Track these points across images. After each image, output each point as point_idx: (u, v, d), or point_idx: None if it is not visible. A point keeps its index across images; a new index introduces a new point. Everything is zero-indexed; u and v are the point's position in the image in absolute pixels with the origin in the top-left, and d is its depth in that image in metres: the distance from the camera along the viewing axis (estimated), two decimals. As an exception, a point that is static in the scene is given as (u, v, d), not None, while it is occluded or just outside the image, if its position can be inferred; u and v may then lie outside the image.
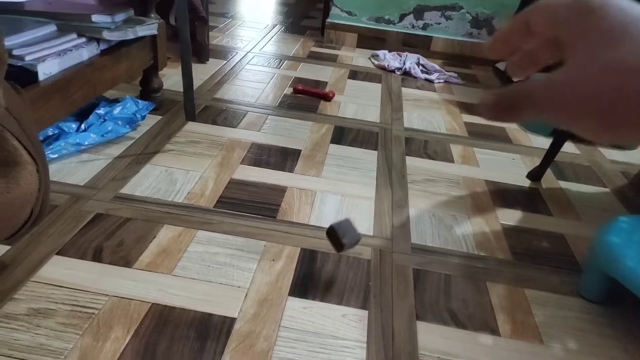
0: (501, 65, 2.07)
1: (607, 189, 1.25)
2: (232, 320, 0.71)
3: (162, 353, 0.65)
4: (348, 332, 0.72)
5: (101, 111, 1.16)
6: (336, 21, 2.26)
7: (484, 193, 1.16)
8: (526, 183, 1.23)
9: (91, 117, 1.13)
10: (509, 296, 0.83)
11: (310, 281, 0.81)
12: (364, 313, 0.76)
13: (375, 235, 0.95)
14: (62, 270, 0.77)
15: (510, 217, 1.07)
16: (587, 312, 0.82)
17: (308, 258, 0.87)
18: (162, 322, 0.70)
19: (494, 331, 0.76)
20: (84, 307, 0.70)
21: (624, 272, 0.73)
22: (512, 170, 1.29)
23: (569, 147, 1.46)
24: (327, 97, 1.61)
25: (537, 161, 1.34)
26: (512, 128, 1.56)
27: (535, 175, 1.24)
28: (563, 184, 1.25)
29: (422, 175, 1.20)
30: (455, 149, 1.36)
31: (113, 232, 0.87)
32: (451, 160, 1.30)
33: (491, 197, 1.14)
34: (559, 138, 1.19)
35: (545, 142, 1.47)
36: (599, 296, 0.83)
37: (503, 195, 1.16)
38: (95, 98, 1.18)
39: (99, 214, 0.91)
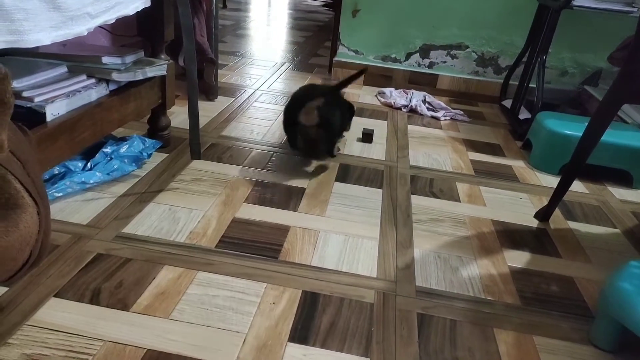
0: (507, 103, 2.08)
1: (617, 230, 1.22)
2: (229, 368, 0.69)
3: (155, 403, 0.63)
4: (349, 382, 0.69)
5: (108, 150, 1.18)
6: (343, 59, 2.30)
7: (491, 233, 1.14)
8: (534, 223, 1.21)
9: (97, 156, 1.14)
10: (517, 344, 0.80)
11: (310, 326, 0.79)
12: (365, 361, 0.73)
13: (379, 277, 0.93)
14: (58, 314, 0.75)
15: (518, 258, 1.05)
16: (600, 362, 0.78)
17: (309, 301, 0.85)
18: (156, 369, 0.68)
19: (502, 382, 0.72)
20: (79, 352, 0.69)
21: (637, 320, 0.70)
22: (520, 209, 1.27)
23: (577, 186, 1.44)
24: None
25: (545, 200, 1.33)
26: (519, 166, 1.55)
27: (543, 215, 1.22)
28: (572, 225, 1.22)
29: (428, 215, 1.18)
30: (462, 188, 1.35)
31: (112, 274, 0.86)
32: (457, 199, 1.28)
33: (498, 238, 1.12)
34: (567, 176, 1.18)
35: (553, 181, 1.46)
36: (612, 344, 0.79)
37: (510, 236, 1.13)
38: (103, 137, 1.20)
39: (99, 254, 0.90)
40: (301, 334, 0.77)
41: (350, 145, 1.57)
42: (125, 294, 0.81)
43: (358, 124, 1.77)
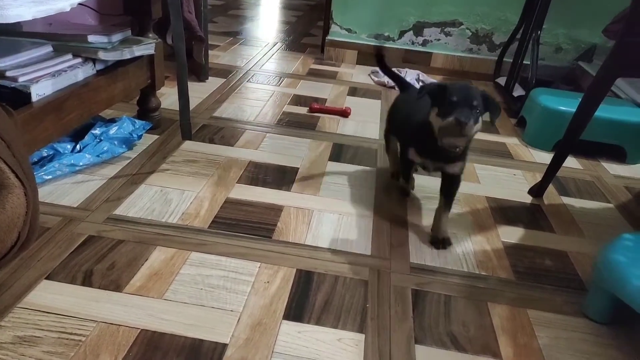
0: (501, 80, 2.06)
1: (610, 205, 1.22)
2: (224, 346, 0.69)
3: (149, 382, 0.63)
4: (344, 358, 0.70)
5: (97, 131, 1.16)
6: (336, 38, 2.27)
7: (485, 210, 1.13)
8: (528, 199, 1.21)
9: (86, 138, 1.13)
10: (511, 318, 0.81)
11: (305, 304, 0.79)
12: (360, 337, 0.73)
13: (373, 254, 0.93)
14: (50, 296, 0.75)
15: (512, 234, 1.05)
16: (592, 333, 0.79)
17: (304, 280, 0.84)
18: (150, 349, 0.67)
19: (496, 355, 0.73)
20: (71, 334, 0.68)
21: (630, 292, 0.70)
22: (514, 186, 1.27)
23: (571, 162, 1.43)
24: (345, 114, 1.61)
25: (538, 177, 1.32)
26: (513, 143, 1.54)
27: (537, 191, 1.22)
28: (565, 200, 1.22)
29: (422, 193, 1.18)
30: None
31: (104, 255, 0.85)
32: (451, 177, 1.27)
33: (492, 214, 1.12)
34: (561, 152, 1.17)
35: (546, 157, 1.45)
36: (605, 316, 0.80)
37: (504, 212, 1.13)
38: (91, 118, 1.18)
39: (91, 237, 0.89)
40: (296, 311, 0.77)
41: (343, 124, 1.55)
42: (118, 275, 0.81)
43: (351, 102, 1.75)
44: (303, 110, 1.64)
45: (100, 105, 1.08)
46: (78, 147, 1.10)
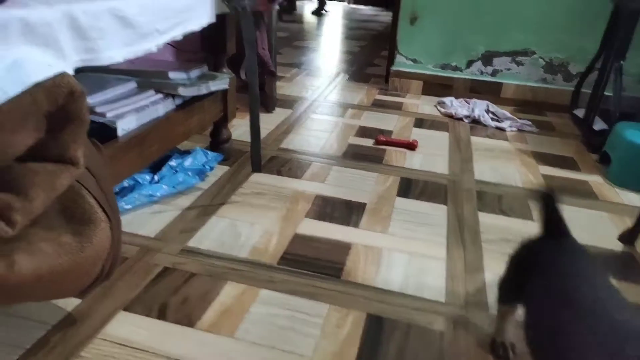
0: (579, 112, 1.95)
1: None
2: (295, 394, 0.67)
3: None
4: (421, 417, 0.65)
5: (173, 163, 1.20)
6: (401, 69, 2.25)
7: (569, 256, 1.05)
8: (618, 246, 1.11)
9: (164, 169, 1.17)
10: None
11: (377, 353, 0.75)
12: (438, 395, 0.69)
13: (448, 302, 0.88)
14: (127, 327, 0.76)
15: (601, 285, 0.95)
16: None
17: (375, 325, 0.81)
18: (222, 392, 0.66)
19: None
20: (146, 370, 0.69)
21: None
22: (601, 230, 1.17)
23: (665, 204, 1.31)
24: (412, 147, 1.58)
25: (628, 220, 1.21)
26: (596, 182, 1.44)
27: (628, 237, 1.11)
28: (662, 248, 1.11)
29: (498, 235, 1.11)
30: (534, 205, 1.26)
31: (178, 288, 0.86)
32: (530, 218, 1.20)
33: (577, 261, 1.03)
34: (655, 197, 1.07)
35: (635, 199, 1.34)
36: None
37: (591, 260, 1.04)
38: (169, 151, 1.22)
39: (166, 268, 0.91)
40: (368, 360, 0.74)
41: (410, 157, 1.52)
42: (191, 309, 0.81)
43: (418, 134, 1.72)
44: (369, 142, 1.62)
45: (178, 138, 1.13)
46: (156, 178, 1.14)
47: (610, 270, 1.01)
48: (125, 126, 0.97)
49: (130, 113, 0.99)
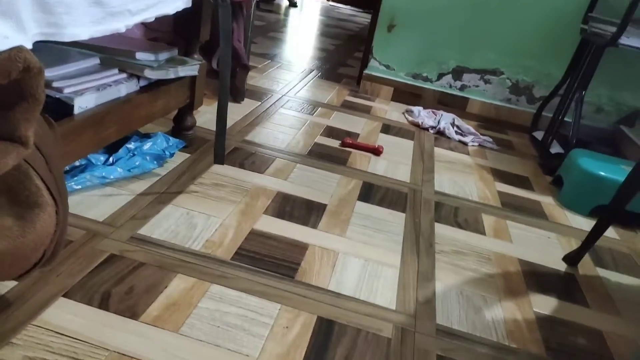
0: (538, 134, 2.02)
1: (650, 283, 1.16)
2: (236, 396, 0.66)
3: None
4: None
5: (131, 145, 1.15)
6: (373, 73, 2.27)
7: (517, 274, 1.08)
8: (562, 266, 1.15)
9: (120, 151, 1.12)
10: (542, 401, 0.75)
11: (324, 357, 0.75)
12: (379, 403, 0.69)
13: (398, 310, 0.89)
14: (65, 315, 0.73)
15: (544, 304, 0.99)
16: None
17: (324, 329, 0.81)
18: (161, 389, 0.64)
19: None
20: (82, 361, 0.66)
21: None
22: (548, 250, 1.21)
23: (607, 231, 1.37)
24: (378, 152, 1.59)
25: (573, 242, 1.27)
26: (548, 203, 1.49)
27: (572, 258, 1.16)
28: (601, 272, 1.17)
29: (451, 246, 1.14)
30: (488, 220, 1.30)
31: (124, 277, 0.83)
32: (483, 232, 1.23)
33: (524, 279, 1.07)
34: (603, 222, 1.12)
35: (582, 222, 1.40)
36: (645, 415, 0.73)
37: (537, 278, 1.08)
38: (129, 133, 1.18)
39: (112, 255, 0.87)
40: (314, 365, 0.73)
41: (375, 162, 1.53)
42: (136, 301, 0.78)
43: (384, 140, 1.73)
44: (335, 143, 1.62)
45: (139, 121, 1.08)
46: (111, 159, 1.09)
47: (553, 289, 1.05)
48: (83, 104, 0.92)
49: (90, 91, 0.95)
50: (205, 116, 1.58)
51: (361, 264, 1.00)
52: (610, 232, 1.38)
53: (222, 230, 1.02)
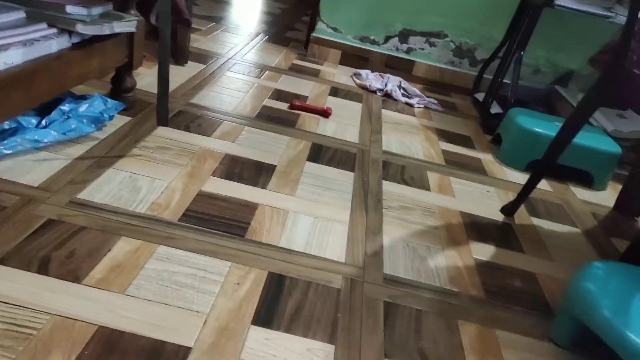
0: (479, 96, 2.09)
1: (577, 230, 1.25)
2: (188, 350, 0.66)
3: (105, 384, 0.59)
4: (312, 369, 0.67)
5: (65, 107, 1.09)
6: (321, 36, 2.24)
7: (459, 225, 1.14)
8: (500, 217, 1.22)
9: (54, 113, 1.06)
10: (480, 337, 0.81)
11: (275, 309, 0.76)
12: (330, 348, 0.72)
13: (347, 262, 0.91)
14: (2, 282, 0.69)
15: (483, 251, 1.05)
16: (556, 358, 0.80)
17: (275, 283, 0.82)
18: (108, 347, 0.63)
19: (464, 375, 0.73)
20: (22, 326, 0.63)
21: (600, 322, 0.71)
22: (487, 203, 1.28)
23: (541, 184, 1.46)
24: (326, 114, 1.58)
25: (510, 195, 1.34)
26: (488, 160, 1.56)
27: (509, 210, 1.23)
28: (535, 221, 1.25)
29: (398, 202, 1.17)
30: (432, 177, 1.35)
31: (64, 242, 0.79)
32: (427, 188, 1.28)
33: (465, 230, 1.12)
34: (537, 175, 1.19)
35: (519, 177, 1.48)
36: (569, 342, 0.81)
37: (477, 229, 1.14)
38: (61, 93, 1.11)
39: (50, 220, 0.83)
40: (265, 317, 0.74)
41: (324, 124, 1.53)
42: (78, 264, 0.76)
43: (332, 103, 1.73)
44: (283, 106, 1.61)
45: (72, 80, 1.02)
46: (44, 122, 1.03)
47: (491, 238, 1.11)
48: (8, 60, 0.85)
49: (15, 45, 0.88)
50: (146, 79, 1.51)
51: (311, 221, 1.02)
52: (544, 185, 1.47)
53: (169, 193, 0.99)
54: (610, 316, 0.70)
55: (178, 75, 1.63)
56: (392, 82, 2.02)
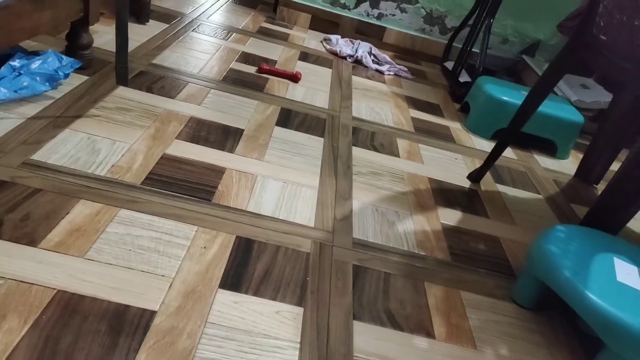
0: (449, 65, 2.09)
1: (540, 196, 1.29)
2: (152, 313, 0.64)
3: (65, 349, 0.56)
4: (281, 331, 0.67)
5: (16, 63, 1.01)
6: (290, -1, 2.17)
7: (427, 191, 1.15)
8: (466, 184, 1.24)
9: (3, 69, 0.98)
10: (446, 298, 0.82)
11: (244, 273, 0.75)
12: (299, 310, 0.71)
13: (317, 227, 0.91)
14: (-53, 246, 0.65)
15: (450, 216, 1.07)
16: (519, 317, 0.82)
17: (243, 247, 0.80)
18: (68, 312, 0.61)
19: (430, 334, 0.74)
20: (-28, 291, 0.60)
21: (561, 282, 0.73)
22: (454, 170, 1.29)
23: (507, 152, 1.49)
24: (296, 79, 1.54)
25: (477, 162, 1.36)
26: (455, 128, 1.57)
27: (475, 176, 1.25)
28: (500, 188, 1.27)
29: (368, 168, 1.17)
30: (401, 144, 1.35)
31: (18, 204, 0.75)
32: (397, 155, 1.27)
33: (433, 196, 1.13)
34: (502, 142, 1.21)
35: (485, 145, 1.50)
36: (531, 302, 0.84)
37: (444, 194, 1.15)
38: (10, 48, 1.03)
39: (2, 182, 0.78)
40: (233, 280, 0.73)
41: (293, 89, 1.50)
42: (33, 227, 0.72)
43: (302, 68, 1.69)
44: (251, 69, 1.56)
45: (21, 33, 0.94)
46: (-9, 78, 0.95)
47: (458, 203, 1.13)
48: (-55, 6, 0.78)
49: (-47, -9, 0.80)
50: (105, 37, 1.43)
51: (280, 185, 1.00)
52: (509, 153, 1.49)
53: (130, 155, 0.95)
54: (571, 276, 0.73)
55: (139, 34, 1.54)
56: (363, 49, 1.99)
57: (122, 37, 1.00)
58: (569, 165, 1.54)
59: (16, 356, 0.54)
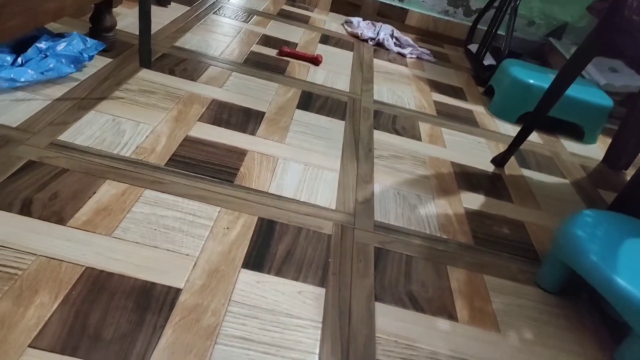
0: (473, 47, 2.05)
1: (566, 180, 1.26)
2: (178, 291, 0.65)
3: (94, 324, 0.58)
4: (303, 311, 0.68)
5: (42, 45, 1.03)
6: (311, -20, 2.14)
7: (449, 175, 1.13)
8: (490, 168, 1.22)
9: (30, 51, 1.00)
10: (469, 281, 0.82)
11: (266, 253, 0.76)
12: (321, 291, 0.72)
13: (338, 209, 0.91)
14: (-19, 223, 0.67)
15: (473, 201, 1.05)
16: (543, 302, 0.81)
17: (266, 228, 0.81)
18: (96, 289, 0.62)
19: (452, 317, 0.74)
20: (6, 266, 0.61)
21: (588, 266, 0.72)
22: (478, 154, 1.27)
23: (532, 136, 1.46)
24: (317, 62, 1.53)
25: (501, 147, 1.34)
26: (479, 112, 1.54)
27: (499, 161, 1.23)
28: (525, 172, 1.25)
29: (389, 151, 1.16)
30: (423, 127, 1.33)
31: (46, 184, 0.77)
32: (419, 138, 1.26)
33: (456, 180, 1.12)
34: (528, 126, 1.18)
35: (510, 129, 1.47)
36: (556, 287, 0.83)
37: (467, 178, 1.14)
38: (36, 30, 1.04)
39: (31, 162, 0.80)
40: (255, 261, 0.74)
41: (314, 72, 1.48)
42: (62, 206, 0.73)
43: (323, 50, 1.68)
44: (272, 52, 1.55)
45: (47, 15, 0.95)
46: (20, 60, 0.97)
47: (481, 187, 1.11)
48: (-26, -12, 0.79)
49: (-19, -27, 0.81)
50: (127, 19, 1.43)
51: (301, 168, 1.00)
52: (535, 137, 1.46)
53: (154, 137, 0.96)
54: (598, 260, 0.71)
55: (161, 16, 1.55)
56: (384, 31, 1.96)
57: (145, 20, 1.00)
58: (596, 150, 1.50)
59: (48, 330, 0.56)
